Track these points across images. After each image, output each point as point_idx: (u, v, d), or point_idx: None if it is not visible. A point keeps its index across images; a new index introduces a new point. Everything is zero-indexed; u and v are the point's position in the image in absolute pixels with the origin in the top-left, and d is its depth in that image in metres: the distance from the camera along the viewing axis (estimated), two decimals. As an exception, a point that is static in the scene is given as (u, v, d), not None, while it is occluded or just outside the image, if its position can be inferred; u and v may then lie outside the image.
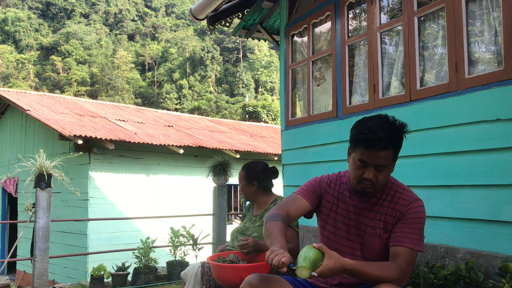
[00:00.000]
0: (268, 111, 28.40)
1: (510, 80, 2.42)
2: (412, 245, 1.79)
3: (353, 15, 3.74)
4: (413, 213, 1.86)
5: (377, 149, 1.76)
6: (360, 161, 1.81)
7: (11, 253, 5.47)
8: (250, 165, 2.97)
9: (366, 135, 1.77)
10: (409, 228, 1.83)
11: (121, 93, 54.92)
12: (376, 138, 1.75)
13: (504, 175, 2.42)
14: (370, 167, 1.81)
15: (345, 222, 1.96)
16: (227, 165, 6.22)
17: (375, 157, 1.78)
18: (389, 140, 1.77)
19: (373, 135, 1.76)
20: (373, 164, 1.80)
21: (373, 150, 1.77)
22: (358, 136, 1.81)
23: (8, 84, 49.51)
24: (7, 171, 10.10)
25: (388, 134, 1.77)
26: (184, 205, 9.42)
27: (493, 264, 2.38)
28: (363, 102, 3.50)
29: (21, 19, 61.88)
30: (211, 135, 11.67)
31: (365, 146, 1.78)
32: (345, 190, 1.99)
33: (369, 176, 1.81)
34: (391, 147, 1.80)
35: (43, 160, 5.00)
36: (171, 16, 71.63)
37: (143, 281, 5.45)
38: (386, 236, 1.88)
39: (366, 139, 1.77)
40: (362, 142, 1.78)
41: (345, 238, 1.96)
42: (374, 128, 1.78)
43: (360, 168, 1.83)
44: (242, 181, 2.96)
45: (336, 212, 1.99)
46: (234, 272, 2.37)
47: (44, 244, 4.99)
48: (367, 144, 1.77)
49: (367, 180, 1.82)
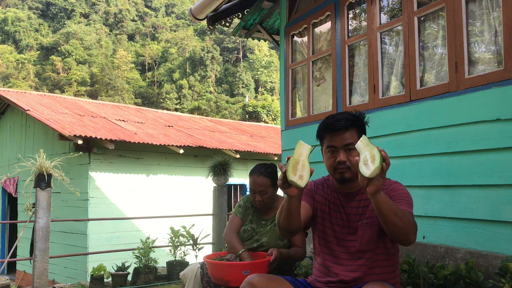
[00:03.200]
0: (268, 111, 28.40)
1: (510, 80, 2.42)
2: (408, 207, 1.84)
3: (353, 15, 3.74)
4: (396, 189, 1.92)
5: (339, 129, 1.91)
6: (329, 147, 1.95)
7: (11, 253, 5.47)
8: (268, 170, 2.75)
9: (326, 121, 1.97)
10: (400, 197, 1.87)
11: (121, 93, 54.90)
12: (335, 119, 1.94)
13: (504, 175, 2.42)
14: (340, 149, 1.92)
15: (338, 223, 2.00)
16: (227, 165, 6.22)
17: (340, 139, 1.91)
18: (348, 120, 1.93)
19: (331, 119, 1.96)
20: (341, 146, 1.91)
21: (336, 132, 1.92)
22: (320, 127, 1.99)
23: (8, 84, 49.49)
24: (7, 171, 10.10)
25: (345, 116, 1.96)
26: (184, 205, 9.42)
27: (493, 264, 2.38)
28: (363, 102, 3.51)
29: (21, 19, 61.86)
30: (211, 135, 11.67)
31: (328, 130, 1.94)
32: (332, 192, 2.05)
33: (340, 158, 1.91)
34: (351, 127, 1.93)
35: (43, 160, 5.00)
36: (171, 16, 71.59)
37: (143, 281, 5.45)
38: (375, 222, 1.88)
39: (327, 124, 1.95)
40: (325, 128, 1.96)
41: (339, 238, 1.98)
42: (335, 115, 1.99)
43: (332, 155, 1.95)
44: (268, 189, 2.70)
45: (328, 214, 2.03)
46: (231, 270, 2.38)
47: (44, 244, 4.99)
48: (329, 128, 1.94)
49: (341, 164, 1.91)
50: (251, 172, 2.78)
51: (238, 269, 2.35)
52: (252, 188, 2.75)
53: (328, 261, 2.00)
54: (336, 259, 1.97)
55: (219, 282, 2.46)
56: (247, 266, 2.37)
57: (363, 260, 1.92)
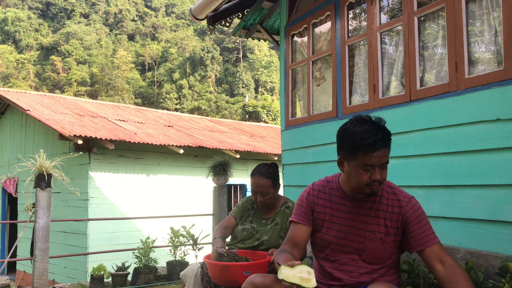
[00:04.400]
0: (268, 111, 28.40)
1: (510, 80, 2.42)
2: (436, 239, 1.88)
3: (353, 15, 3.74)
4: (418, 214, 1.91)
5: (381, 149, 1.81)
6: (366, 165, 1.83)
7: (11, 253, 5.47)
8: (269, 170, 2.78)
9: (367, 139, 1.80)
10: (424, 226, 1.89)
11: (121, 93, 54.91)
12: (378, 139, 1.80)
13: (504, 175, 2.42)
14: (377, 167, 1.83)
15: (341, 229, 1.96)
16: (227, 165, 6.22)
17: (380, 158, 1.82)
18: (387, 138, 1.85)
19: (374, 137, 1.80)
20: (379, 164, 1.83)
21: (378, 152, 1.80)
22: (358, 143, 1.82)
23: (8, 84, 49.50)
24: (7, 171, 10.11)
25: (383, 132, 1.84)
26: (184, 205, 9.42)
27: (493, 264, 2.38)
28: (363, 102, 3.50)
29: (21, 19, 61.86)
30: (211, 135, 11.67)
31: (369, 150, 1.80)
32: (337, 197, 2.00)
33: (378, 177, 1.83)
34: (389, 143, 1.87)
35: (43, 160, 5.00)
36: (171, 16, 71.60)
37: (143, 281, 5.45)
38: (390, 239, 1.89)
39: (369, 144, 1.80)
40: (365, 147, 1.80)
41: (342, 245, 1.95)
42: (371, 131, 1.82)
43: (366, 172, 1.84)
44: (269, 190, 2.74)
45: (330, 221, 1.99)
46: (231, 271, 2.37)
47: (44, 244, 4.99)
48: (371, 148, 1.80)
49: (376, 181, 1.84)
50: (253, 173, 2.80)
51: (239, 269, 2.35)
52: (254, 189, 2.78)
53: (329, 268, 1.98)
54: (338, 265, 1.95)
55: (220, 283, 2.46)
56: (247, 266, 2.36)
57: (369, 269, 1.91)
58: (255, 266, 2.37)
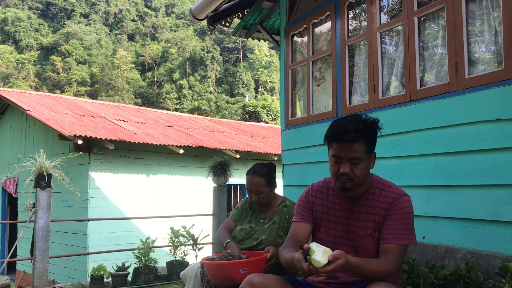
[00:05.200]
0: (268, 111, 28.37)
1: (510, 80, 2.42)
2: (400, 240, 1.84)
3: (353, 15, 3.74)
4: (398, 208, 1.89)
5: (346, 141, 1.83)
6: (334, 156, 1.88)
7: (11, 253, 5.47)
8: (264, 169, 2.79)
9: (335, 129, 1.87)
10: (396, 224, 1.86)
11: (121, 93, 54.91)
12: (344, 130, 1.83)
13: (504, 175, 2.42)
14: (345, 161, 1.86)
15: (338, 228, 1.98)
16: (227, 165, 6.21)
17: (346, 150, 1.84)
18: (357, 132, 1.83)
19: (341, 128, 1.85)
20: (346, 157, 1.85)
21: (343, 143, 1.84)
22: (328, 133, 1.91)
23: (8, 84, 49.49)
24: (7, 171, 10.10)
25: (355, 126, 1.84)
26: (184, 205, 9.41)
27: (493, 264, 2.38)
28: (363, 102, 3.50)
29: (21, 19, 61.87)
30: (211, 135, 11.67)
31: (335, 140, 1.86)
32: (333, 196, 2.03)
33: (344, 170, 1.86)
34: (361, 139, 1.85)
35: (43, 160, 5.00)
36: (171, 16, 71.62)
37: (143, 281, 5.45)
38: (377, 235, 1.90)
39: (335, 134, 1.86)
40: (332, 137, 1.88)
41: (338, 243, 1.97)
42: (342, 123, 1.88)
43: (336, 164, 1.89)
44: (263, 189, 2.75)
45: (327, 220, 2.02)
46: (228, 270, 2.37)
47: (44, 244, 4.99)
48: (336, 137, 1.86)
49: (343, 175, 1.87)
50: (247, 172, 2.83)
51: (236, 267, 2.35)
52: (248, 188, 2.81)
53: None
54: None
55: (218, 283, 2.46)
56: (244, 264, 2.37)
57: None
58: (251, 263, 2.38)
